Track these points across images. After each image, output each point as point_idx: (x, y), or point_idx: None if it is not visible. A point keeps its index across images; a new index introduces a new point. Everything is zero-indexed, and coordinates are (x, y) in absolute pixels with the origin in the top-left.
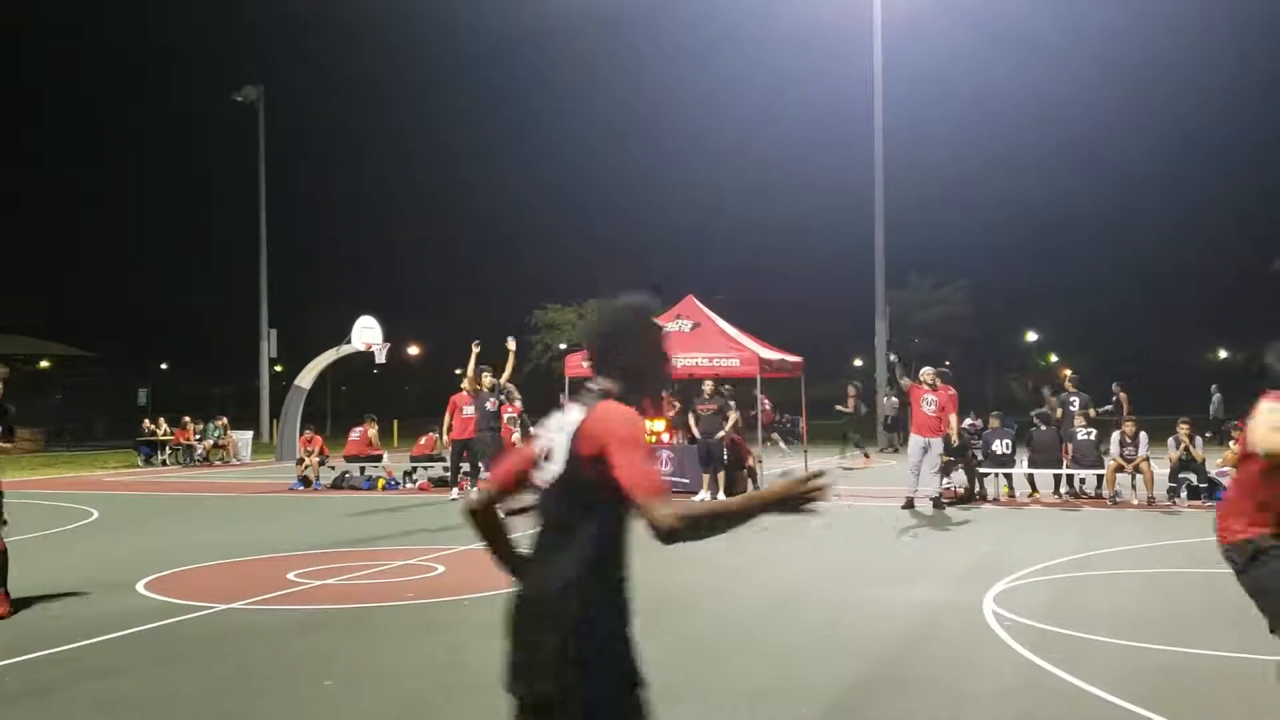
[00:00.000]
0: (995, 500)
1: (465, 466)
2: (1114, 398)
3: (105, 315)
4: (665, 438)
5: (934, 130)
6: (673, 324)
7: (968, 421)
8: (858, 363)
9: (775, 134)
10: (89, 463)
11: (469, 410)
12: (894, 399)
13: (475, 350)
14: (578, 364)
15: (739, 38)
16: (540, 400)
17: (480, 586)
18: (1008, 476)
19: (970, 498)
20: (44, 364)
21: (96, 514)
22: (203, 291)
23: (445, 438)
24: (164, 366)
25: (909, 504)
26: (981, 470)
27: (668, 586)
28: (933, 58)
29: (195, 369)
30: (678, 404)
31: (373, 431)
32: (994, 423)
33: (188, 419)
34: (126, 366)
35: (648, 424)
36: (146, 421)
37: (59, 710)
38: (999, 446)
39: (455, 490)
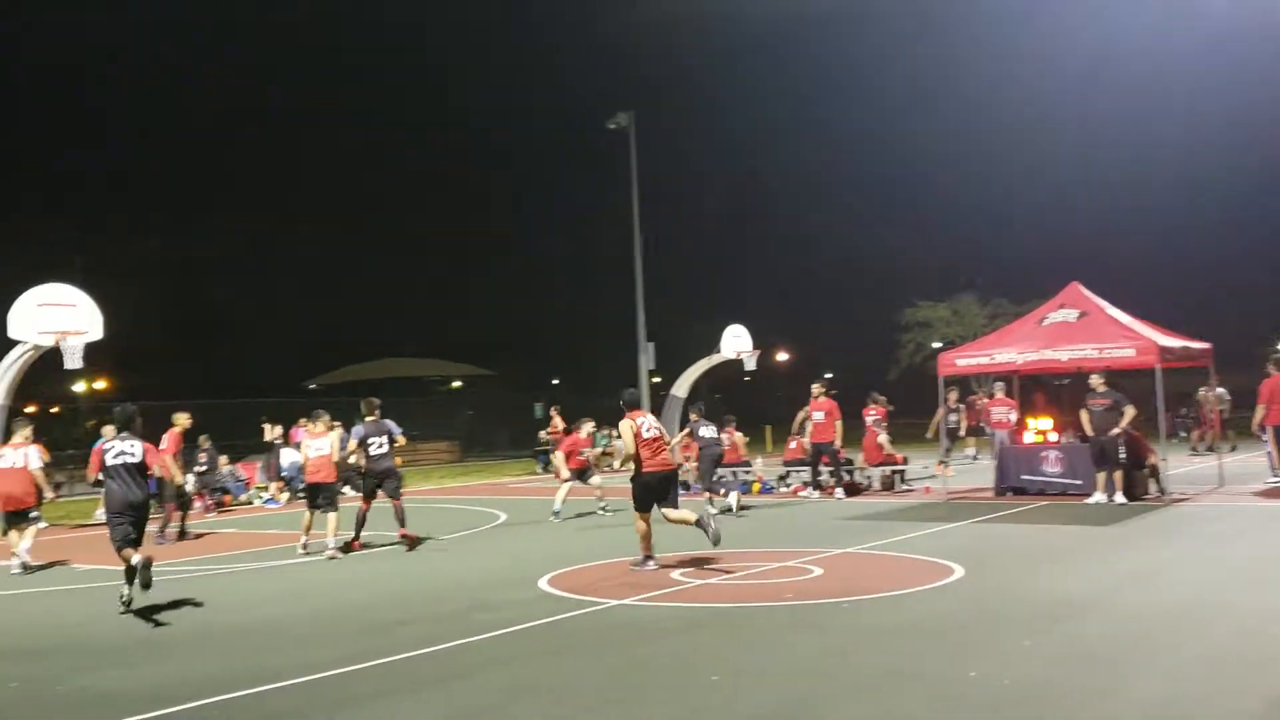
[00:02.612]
0: None
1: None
2: None
3: (504, 337)
4: (1054, 436)
5: None
6: (1057, 313)
7: None
8: None
9: (1153, 97)
10: (496, 470)
11: (818, 416)
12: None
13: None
14: (951, 362)
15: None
16: (912, 401)
17: (859, 590)
18: None
19: None
20: (456, 384)
21: (504, 516)
22: (586, 310)
23: (806, 444)
24: (555, 381)
25: None
26: None
27: (1059, 589)
28: None
29: (583, 382)
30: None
31: (738, 436)
32: None
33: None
34: (524, 383)
35: (1032, 422)
36: (543, 433)
37: (471, 695)
38: None
39: (816, 492)
